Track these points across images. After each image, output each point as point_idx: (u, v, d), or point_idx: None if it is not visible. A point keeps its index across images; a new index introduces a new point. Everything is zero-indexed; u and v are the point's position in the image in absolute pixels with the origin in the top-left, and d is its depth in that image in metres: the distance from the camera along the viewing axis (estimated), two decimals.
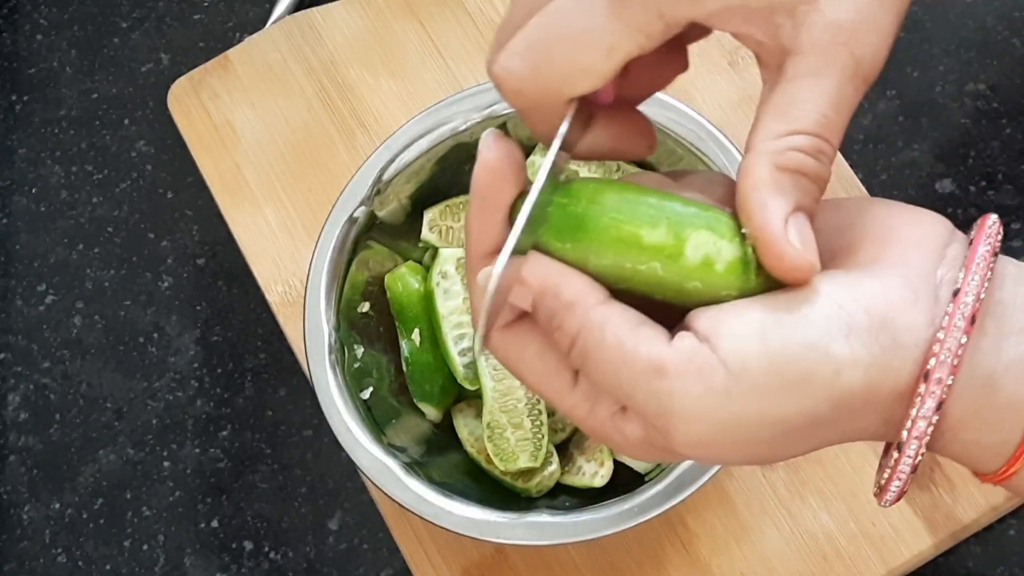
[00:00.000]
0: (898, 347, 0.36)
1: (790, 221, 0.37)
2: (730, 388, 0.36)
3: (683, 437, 0.37)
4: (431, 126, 0.65)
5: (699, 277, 0.37)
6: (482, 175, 0.38)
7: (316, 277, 0.63)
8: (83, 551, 0.70)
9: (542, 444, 0.63)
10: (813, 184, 0.38)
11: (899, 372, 0.36)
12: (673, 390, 0.36)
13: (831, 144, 0.38)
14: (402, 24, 0.75)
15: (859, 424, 0.38)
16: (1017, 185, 0.71)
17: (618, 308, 0.37)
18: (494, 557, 0.65)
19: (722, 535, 0.65)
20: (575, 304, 0.37)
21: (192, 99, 0.75)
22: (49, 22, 0.81)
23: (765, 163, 0.37)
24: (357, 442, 0.60)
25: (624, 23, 0.37)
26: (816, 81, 0.37)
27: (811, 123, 0.37)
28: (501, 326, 0.39)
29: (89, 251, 0.75)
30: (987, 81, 0.74)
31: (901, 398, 0.37)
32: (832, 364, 0.36)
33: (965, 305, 0.36)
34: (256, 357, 0.72)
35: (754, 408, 0.36)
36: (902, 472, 0.38)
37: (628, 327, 0.37)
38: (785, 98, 0.38)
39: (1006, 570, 0.65)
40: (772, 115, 0.38)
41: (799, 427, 0.36)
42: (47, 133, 0.78)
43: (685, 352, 0.36)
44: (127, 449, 0.71)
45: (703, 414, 0.36)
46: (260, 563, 0.69)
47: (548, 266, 0.38)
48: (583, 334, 0.37)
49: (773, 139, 0.37)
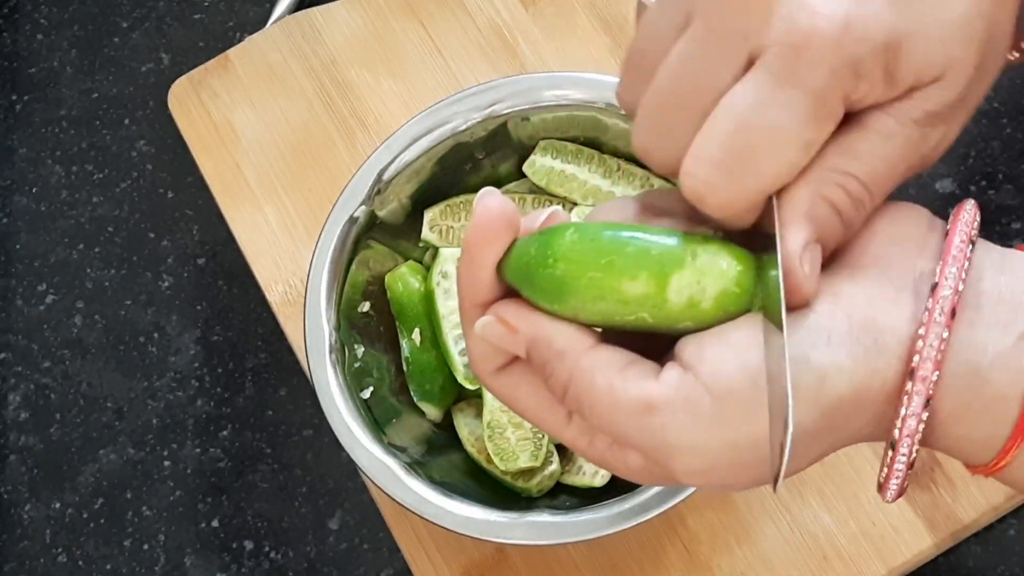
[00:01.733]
0: (881, 348, 0.36)
1: (808, 248, 0.37)
2: (718, 413, 0.36)
3: (683, 468, 0.37)
4: (431, 126, 0.65)
5: (688, 317, 0.38)
6: (473, 233, 0.39)
7: (316, 277, 0.63)
8: (83, 551, 0.70)
9: (542, 444, 0.63)
10: (841, 226, 0.38)
11: (885, 373, 0.37)
12: (664, 424, 0.37)
13: (872, 200, 0.38)
14: (402, 24, 0.75)
15: (852, 428, 0.38)
16: (1017, 185, 0.71)
17: (606, 352, 0.38)
18: (494, 557, 0.65)
19: (722, 535, 0.65)
20: (565, 353, 0.38)
21: (192, 99, 0.75)
22: (49, 22, 0.81)
23: (813, 188, 0.37)
24: (357, 442, 0.60)
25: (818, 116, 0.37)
26: (884, 141, 0.38)
27: (866, 172, 0.38)
28: (495, 369, 0.41)
29: (89, 251, 0.75)
30: None
31: (890, 398, 0.37)
32: (815, 373, 0.36)
33: (944, 299, 0.36)
34: (256, 357, 0.72)
35: (745, 429, 0.36)
36: (898, 470, 0.38)
37: (616, 369, 0.38)
38: (850, 141, 0.38)
39: (1007, 570, 0.65)
40: (836, 151, 0.38)
41: (793, 441, 0.36)
42: (47, 133, 0.78)
43: (672, 385, 0.37)
44: (127, 449, 0.71)
45: (697, 443, 0.36)
46: (260, 563, 0.69)
47: (538, 318, 0.39)
48: (574, 381, 0.38)
49: (826, 170, 0.38)
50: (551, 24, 0.75)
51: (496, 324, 0.39)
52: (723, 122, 0.37)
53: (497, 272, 0.40)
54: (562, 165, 0.66)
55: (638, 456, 0.39)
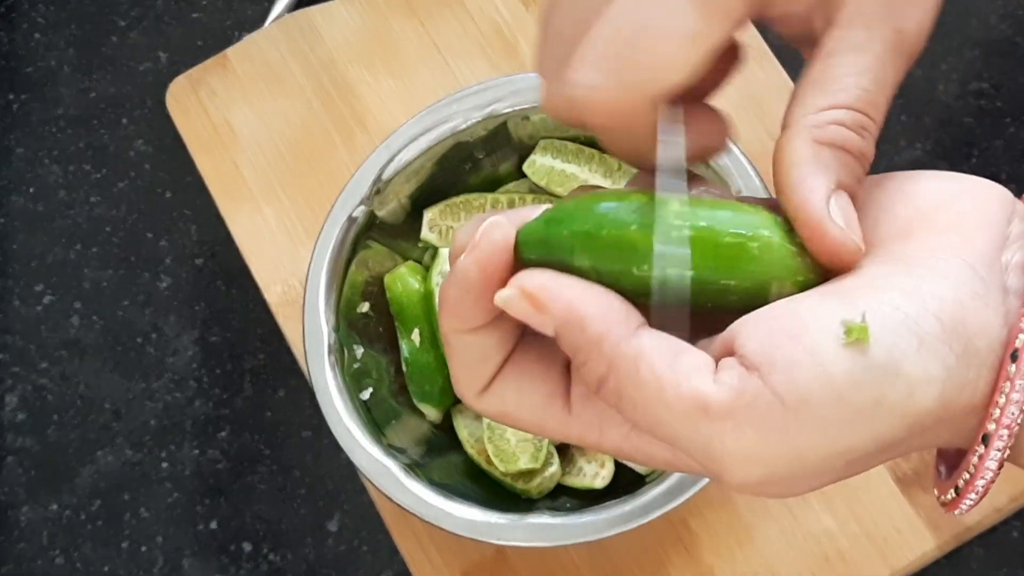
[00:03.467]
0: (972, 355, 0.33)
1: (832, 199, 0.34)
2: (789, 425, 0.32)
3: (741, 480, 0.33)
4: (431, 125, 0.64)
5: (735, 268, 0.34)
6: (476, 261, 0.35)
7: (315, 277, 0.63)
8: (81, 552, 0.69)
9: (543, 445, 0.62)
10: (856, 161, 0.35)
11: (975, 384, 0.33)
12: (723, 432, 0.32)
13: (874, 120, 0.35)
14: (402, 23, 0.75)
15: (928, 439, 0.34)
16: (1020, 185, 0.71)
17: (652, 338, 0.34)
18: (494, 559, 0.65)
19: (724, 537, 0.65)
20: (603, 338, 0.34)
21: (191, 98, 0.75)
22: (47, 21, 0.80)
23: (805, 137, 0.35)
24: (357, 443, 0.60)
25: (706, 8, 0.34)
26: (858, 55, 0.35)
27: (853, 97, 0.35)
28: (480, 390, 0.37)
29: (87, 251, 0.75)
30: (990, 80, 0.73)
31: (976, 410, 0.33)
32: (905, 385, 0.32)
33: None
34: (255, 358, 0.72)
35: (818, 443, 0.32)
36: (988, 470, 0.34)
37: (666, 360, 0.33)
38: (825, 73, 0.35)
39: (1009, 572, 0.65)
40: (811, 90, 0.35)
41: (869, 453, 0.33)
42: (45, 132, 0.78)
43: (733, 388, 0.32)
44: (125, 450, 0.71)
45: (760, 456, 0.33)
46: (259, 565, 0.68)
47: (570, 292, 0.34)
48: (614, 372, 0.34)
49: (813, 113, 0.35)
50: None
51: (521, 300, 0.34)
52: (603, 24, 0.35)
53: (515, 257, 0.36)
54: (562, 164, 0.66)
55: (663, 450, 0.36)
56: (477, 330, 0.36)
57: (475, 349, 0.36)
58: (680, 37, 0.34)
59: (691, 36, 0.34)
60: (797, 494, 0.35)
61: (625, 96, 0.35)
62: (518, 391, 0.37)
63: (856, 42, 0.35)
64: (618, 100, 0.35)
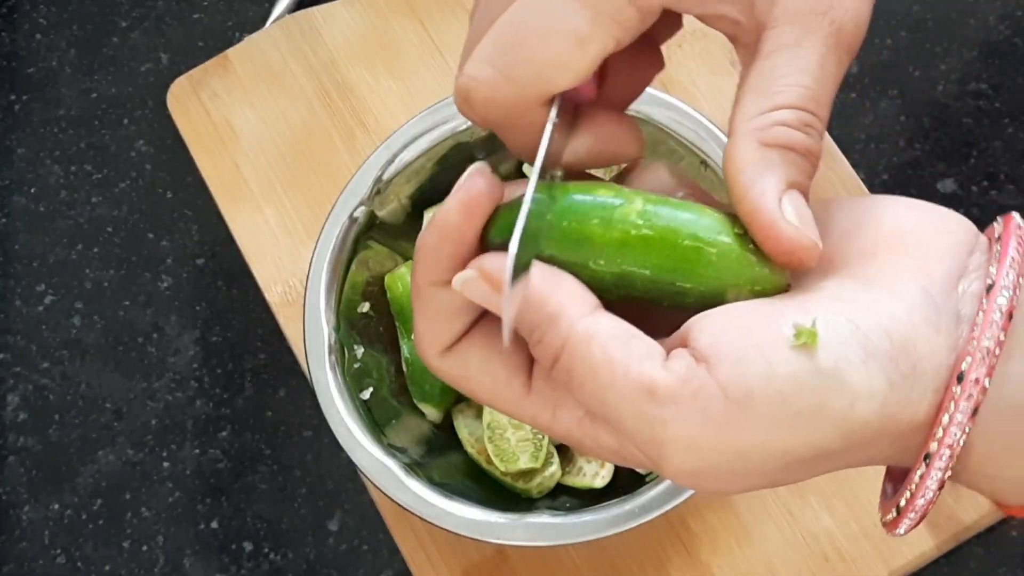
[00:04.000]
0: (918, 376, 0.33)
1: (784, 199, 0.34)
2: (731, 419, 0.33)
3: (676, 467, 0.34)
4: (431, 126, 0.64)
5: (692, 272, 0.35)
6: (456, 207, 0.35)
7: (316, 277, 0.63)
8: (82, 552, 0.69)
9: (542, 445, 0.62)
10: (804, 160, 0.35)
11: (917, 405, 0.33)
12: (666, 418, 0.33)
13: (818, 117, 0.35)
14: (402, 24, 0.75)
15: (868, 453, 0.35)
16: (1019, 185, 0.71)
17: (607, 320, 0.34)
18: (495, 558, 0.65)
19: (723, 536, 0.65)
20: (559, 316, 0.34)
21: (191, 99, 0.75)
22: (48, 21, 0.81)
23: (750, 141, 0.35)
24: (357, 443, 0.60)
25: (594, 12, 0.35)
26: (795, 53, 0.35)
27: (794, 96, 0.35)
28: (442, 350, 0.37)
29: (88, 251, 0.75)
30: (989, 80, 0.74)
31: (918, 429, 0.34)
32: (848, 395, 0.33)
33: (1002, 300, 0.33)
34: (256, 357, 0.72)
35: (757, 440, 0.33)
36: (928, 489, 0.34)
37: (618, 342, 0.34)
38: (763, 75, 0.35)
39: (1008, 571, 0.65)
40: (751, 94, 0.35)
41: (806, 457, 0.34)
42: (46, 133, 0.78)
43: (680, 375, 0.33)
44: (126, 450, 0.71)
45: (699, 445, 0.33)
46: (260, 564, 0.68)
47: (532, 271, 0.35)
48: (568, 350, 0.34)
49: (756, 117, 0.35)
50: None
51: (478, 280, 0.35)
52: (499, 24, 0.35)
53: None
54: None
55: (610, 435, 0.36)
56: (449, 284, 0.36)
57: (445, 303, 0.36)
58: (567, 39, 0.35)
59: (578, 39, 0.35)
60: (729, 492, 0.35)
61: (510, 92, 0.35)
62: (482, 358, 0.37)
63: (791, 40, 0.35)
64: (503, 96, 0.35)
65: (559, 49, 0.35)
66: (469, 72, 0.35)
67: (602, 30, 0.35)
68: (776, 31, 0.35)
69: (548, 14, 0.35)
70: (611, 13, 0.35)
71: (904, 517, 0.35)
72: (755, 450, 0.33)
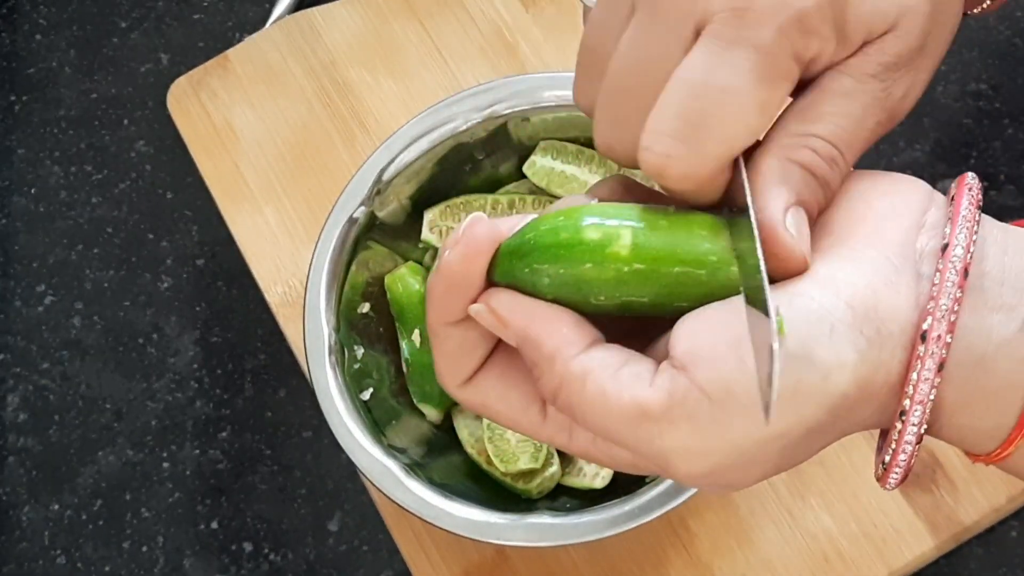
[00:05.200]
0: (884, 338, 0.35)
1: (791, 211, 0.36)
2: (718, 417, 0.35)
3: (685, 473, 0.36)
4: (431, 126, 0.64)
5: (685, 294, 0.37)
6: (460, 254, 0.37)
7: (316, 278, 0.63)
8: (82, 552, 0.69)
9: (542, 446, 0.62)
10: (819, 187, 0.37)
11: (889, 364, 0.35)
12: (661, 432, 0.35)
13: (844, 158, 0.38)
14: (402, 24, 0.75)
15: (857, 419, 0.37)
16: (1019, 186, 0.71)
17: (599, 354, 0.37)
18: (494, 559, 0.65)
19: (723, 536, 0.65)
20: (554, 356, 0.37)
21: (191, 99, 0.75)
22: (48, 22, 0.81)
23: (777, 153, 0.37)
24: (357, 443, 0.60)
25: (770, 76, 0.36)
26: (844, 99, 0.37)
27: (829, 131, 0.37)
28: (462, 382, 0.40)
29: (88, 251, 0.75)
30: (989, 81, 0.74)
31: (894, 389, 0.36)
32: (819, 370, 0.34)
33: (956, 259, 0.35)
34: (256, 358, 0.72)
35: (748, 431, 0.35)
36: (907, 444, 0.36)
37: (609, 373, 0.36)
38: (810, 105, 0.38)
39: (1008, 572, 0.65)
40: (794, 117, 0.38)
41: (798, 437, 0.36)
42: (46, 133, 0.78)
43: (665, 389, 0.35)
44: (126, 450, 0.71)
45: (697, 448, 0.35)
46: (260, 564, 0.68)
47: (530, 311, 0.37)
48: (564, 386, 0.37)
49: (789, 136, 0.37)
50: (551, 24, 0.74)
51: (488, 314, 0.38)
52: (674, 93, 0.36)
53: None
54: (562, 166, 0.66)
55: (626, 452, 0.38)
56: (461, 323, 0.38)
57: (459, 341, 0.39)
58: (753, 107, 0.36)
59: (761, 104, 0.36)
60: (744, 485, 0.37)
61: (700, 164, 0.36)
62: (499, 389, 0.39)
63: (845, 88, 0.37)
64: (692, 167, 0.36)
65: (747, 119, 0.36)
66: (660, 150, 0.36)
67: (780, 92, 0.37)
68: (837, 75, 0.38)
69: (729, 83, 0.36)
70: (783, 74, 0.36)
71: (890, 472, 0.37)
72: (749, 441, 0.35)
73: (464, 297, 0.38)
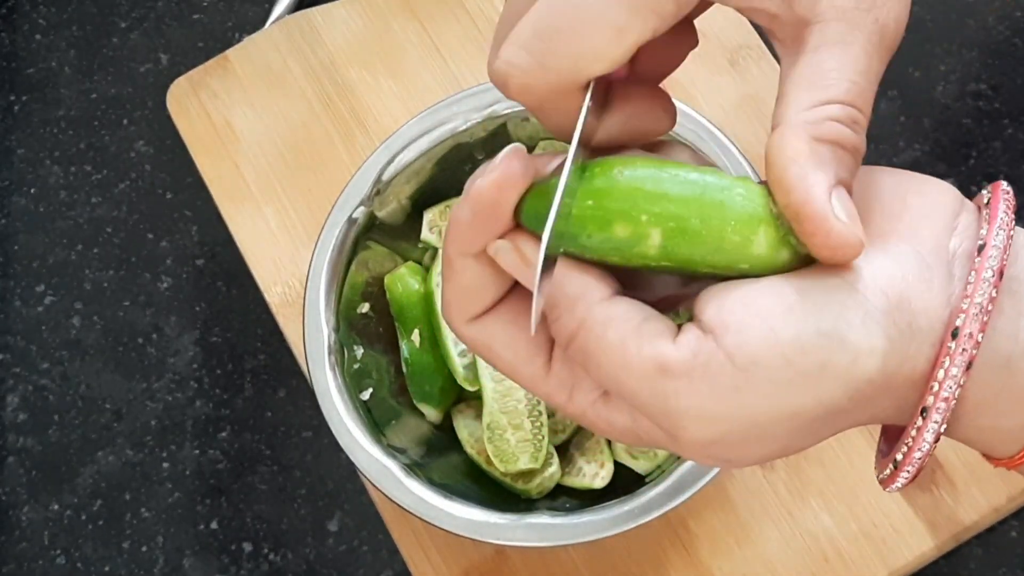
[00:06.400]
0: (915, 331, 0.35)
1: (834, 195, 0.35)
2: (739, 385, 0.34)
3: (691, 437, 0.35)
4: (431, 126, 0.64)
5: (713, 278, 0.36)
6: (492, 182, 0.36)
7: (316, 278, 0.63)
8: (82, 552, 0.69)
9: (542, 445, 0.62)
10: (851, 157, 0.36)
11: (915, 359, 0.35)
12: (679, 390, 0.34)
13: (863, 113, 0.36)
14: (402, 24, 0.75)
15: (872, 410, 0.36)
16: (1019, 186, 0.71)
17: (622, 305, 0.36)
18: (494, 559, 0.65)
19: (723, 536, 0.65)
20: (577, 299, 0.36)
21: (191, 99, 0.75)
22: (48, 22, 0.81)
23: (802, 135, 0.35)
24: (357, 443, 0.60)
25: (633, 2, 0.35)
26: (843, 49, 0.36)
27: (843, 91, 0.36)
28: (470, 318, 0.38)
29: (88, 252, 0.75)
30: (989, 81, 0.74)
31: (916, 385, 0.35)
32: (849, 353, 0.34)
33: (992, 259, 0.35)
34: (255, 358, 0.72)
35: (766, 403, 0.34)
36: (925, 442, 0.36)
37: (632, 324, 0.35)
38: (812, 68, 0.36)
39: (1008, 572, 0.65)
40: (802, 86, 0.36)
41: (814, 419, 0.35)
42: (46, 133, 0.78)
43: (689, 348, 0.34)
44: (126, 450, 0.71)
45: (711, 413, 0.35)
46: (259, 564, 0.68)
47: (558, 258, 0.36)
48: (584, 331, 0.36)
49: (807, 110, 0.36)
50: None
51: (511, 251, 0.36)
52: (536, 10, 0.36)
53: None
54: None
55: (623, 415, 0.37)
56: (481, 256, 0.37)
57: (476, 275, 0.37)
58: (606, 29, 0.35)
59: (617, 29, 0.35)
60: (743, 463, 0.37)
61: (547, 79, 0.36)
62: (509, 332, 0.38)
63: (838, 37, 0.36)
64: (540, 83, 0.36)
65: (597, 39, 0.35)
66: (506, 58, 0.36)
67: (640, 21, 0.35)
68: (822, 26, 0.36)
69: (587, 3, 0.35)
70: (650, 4, 0.35)
71: (901, 471, 0.37)
72: (765, 414, 0.35)
73: (489, 229, 0.36)
